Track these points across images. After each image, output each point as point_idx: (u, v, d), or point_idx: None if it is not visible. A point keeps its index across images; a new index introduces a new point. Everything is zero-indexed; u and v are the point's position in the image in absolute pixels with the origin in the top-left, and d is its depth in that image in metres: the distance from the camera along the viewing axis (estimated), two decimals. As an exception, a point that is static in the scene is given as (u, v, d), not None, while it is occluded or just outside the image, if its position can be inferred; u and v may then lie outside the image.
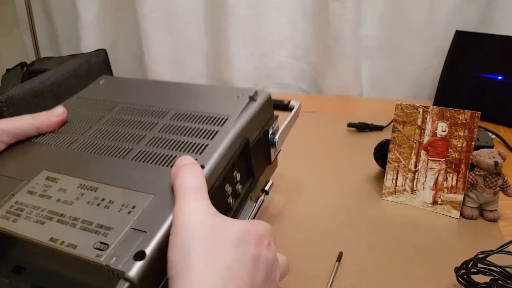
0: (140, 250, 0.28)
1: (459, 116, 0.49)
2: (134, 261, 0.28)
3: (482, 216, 0.51)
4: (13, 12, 1.20)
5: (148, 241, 0.29)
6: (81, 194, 0.36)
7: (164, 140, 0.42)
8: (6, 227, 0.33)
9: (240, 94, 0.47)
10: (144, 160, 0.40)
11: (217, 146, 0.40)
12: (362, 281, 0.42)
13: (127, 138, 0.43)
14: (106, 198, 0.35)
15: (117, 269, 0.27)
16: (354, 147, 0.71)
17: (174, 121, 0.45)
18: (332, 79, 1.01)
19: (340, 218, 0.52)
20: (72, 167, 0.40)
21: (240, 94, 0.47)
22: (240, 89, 0.47)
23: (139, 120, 0.46)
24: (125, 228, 0.31)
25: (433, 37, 0.93)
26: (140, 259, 0.28)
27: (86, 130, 0.46)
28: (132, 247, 0.29)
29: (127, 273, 0.27)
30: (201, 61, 1.11)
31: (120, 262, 0.28)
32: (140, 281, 0.27)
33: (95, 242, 0.30)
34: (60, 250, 0.31)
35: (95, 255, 0.29)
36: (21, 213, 0.35)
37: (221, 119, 0.44)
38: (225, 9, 1.00)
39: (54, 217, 0.34)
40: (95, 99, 0.52)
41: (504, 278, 0.36)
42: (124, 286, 0.26)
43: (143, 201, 0.34)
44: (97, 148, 0.43)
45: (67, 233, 0.32)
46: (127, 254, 0.28)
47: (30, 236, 0.32)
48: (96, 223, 0.33)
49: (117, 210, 0.34)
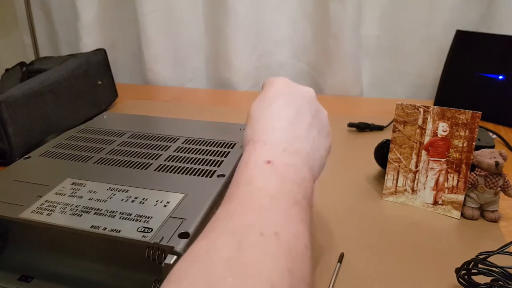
0: (184, 231, 0.32)
1: (460, 116, 0.49)
2: (180, 239, 0.31)
3: (483, 217, 0.51)
4: (13, 12, 1.20)
5: (189, 224, 0.33)
6: (113, 194, 0.38)
7: (181, 157, 0.46)
8: (42, 220, 0.34)
9: (242, 127, 0.52)
10: (166, 171, 0.42)
11: (233, 160, 0.45)
12: (363, 281, 0.41)
13: (144, 156, 0.46)
14: (139, 196, 0.37)
15: (166, 245, 0.30)
16: (354, 147, 0.71)
17: (187, 144, 0.49)
18: (332, 79, 1.01)
19: (341, 219, 0.51)
20: (96, 176, 0.41)
21: (242, 127, 0.52)
22: (242, 124, 0.52)
23: (152, 144, 0.50)
24: (165, 216, 0.34)
25: (434, 37, 0.92)
26: (185, 238, 0.31)
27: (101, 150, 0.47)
28: (175, 230, 0.32)
29: (176, 248, 0.30)
30: (201, 61, 1.11)
31: (168, 240, 0.31)
32: None
33: (138, 227, 0.33)
34: (103, 235, 0.32)
35: (141, 236, 0.31)
36: (54, 209, 0.35)
37: (230, 144, 0.49)
38: (225, 9, 0.99)
39: (90, 211, 0.35)
40: (102, 128, 0.55)
41: (505, 278, 0.35)
42: (172, 259, 0.29)
43: (176, 198, 0.37)
44: (117, 162, 0.45)
45: (107, 222, 0.33)
46: (172, 235, 0.32)
47: (69, 225, 0.33)
48: (135, 214, 0.34)
49: (152, 205, 0.36)
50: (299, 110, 0.35)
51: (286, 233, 0.25)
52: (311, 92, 0.38)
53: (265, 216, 0.26)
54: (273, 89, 0.37)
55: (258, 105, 0.36)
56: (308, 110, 0.36)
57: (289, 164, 0.30)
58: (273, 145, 0.32)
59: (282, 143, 0.32)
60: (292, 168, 0.30)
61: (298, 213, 0.27)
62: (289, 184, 0.29)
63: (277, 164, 0.30)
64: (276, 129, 0.33)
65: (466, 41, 0.83)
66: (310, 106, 0.37)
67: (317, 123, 0.36)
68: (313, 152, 0.34)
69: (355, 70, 0.99)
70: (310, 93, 0.38)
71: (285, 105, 0.35)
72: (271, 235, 0.24)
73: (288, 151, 0.31)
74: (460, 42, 0.83)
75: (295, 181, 0.30)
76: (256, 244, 0.23)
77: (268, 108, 0.35)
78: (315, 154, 0.34)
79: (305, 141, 0.34)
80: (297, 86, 0.38)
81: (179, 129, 0.54)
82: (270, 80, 0.38)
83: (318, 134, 0.36)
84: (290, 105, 0.35)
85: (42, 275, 0.36)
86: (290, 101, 0.36)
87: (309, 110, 0.36)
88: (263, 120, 0.34)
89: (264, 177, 0.29)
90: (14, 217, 0.34)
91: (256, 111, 0.35)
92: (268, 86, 0.38)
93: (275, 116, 0.34)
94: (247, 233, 0.24)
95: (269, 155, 0.30)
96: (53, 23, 1.18)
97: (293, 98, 0.36)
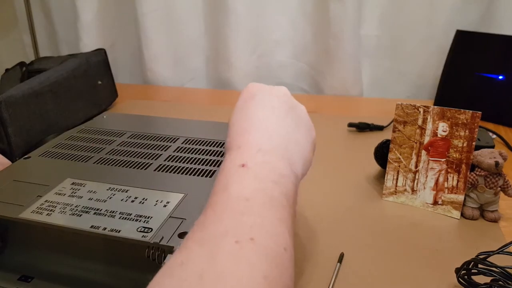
0: (184, 231, 0.32)
1: (459, 116, 0.49)
2: (180, 239, 0.31)
3: (483, 217, 0.51)
4: (12, 12, 1.20)
5: (189, 224, 0.33)
6: (113, 194, 0.38)
7: (181, 157, 0.46)
8: (42, 220, 0.34)
9: None
10: (166, 171, 0.42)
11: None
12: (363, 282, 0.41)
13: (144, 156, 0.46)
14: (139, 196, 0.37)
15: (166, 245, 0.30)
16: (354, 147, 0.71)
17: (187, 144, 0.49)
18: (332, 79, 1.01)
19: (341, 219, 0.51)
20: (96, 176, 0.41)
21: None
22: None
23: (152, 144, 0.49)
24: (165, 216, 0.34)
25: (434, 37, 0.92)
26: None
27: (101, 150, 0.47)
28: (174, 230, 0.32)
29: (176, 248, 0.30)
30: (200, 61, 1.11)
31: (167, 240, 0.31)
32: None
33: (138, 227, 0.33)
34: (103, 235, 0.32)
35: (141, 236, 0.31)
36: (54, 209, 0.35)
37: None
38: (225, 9, 0.99)
39: (90, 211, 0.35)
40: (102, 128, 0.54)
41: (504, 278, 0.35)
42: None
43: (176, 198, 0.37)
44: (117, 162, 0.45)
45: (107, 222, 0.33)
46: (172, 235, 0.32)
47: (69, 225, 0.33)
48: (135, 214, 0.34)
49: (152, 205, 0.36)
50: (273, 109, 0.35)
51: (262, 238, 0.24)
52: (284, 89, 0.38)
53: (240, 222, 0.25)
54: (244, 94, 0.37)
55: (233, 113, 0.36)
56: (283, 107, 0.36)
57: (264, 163, 0.30)
58: (247, 148, 0.31)
59: (256, 144, 0.31)
60: (268, 166, 0.30)
61: (275, 214, 0.27)
62: (264, 183, 0.28)
63: (251, 165, 0.29)
64: (249, 131, 0.33)
65: (466, 41, 0.83)
66: (284, 103, 0.36)
67: (293, 118, 0.36)
68: (292, 147, 0.33)
69: (355, 70, 0.99)
70: (283, 91, 0.38)
71: (258, 106, 0.35)
72: (246, 242, 0.23)
73: (263, 150, 0.31)
74: (460, 42, 0.83)
75: (271, 179, 0.29)
76: (230, 252, 0.23)
77: (241, 112, 0.35)
78: (294, 149, 0.34)
79: (281, 137, 0.33)
80: (270, 86, 0.38)
81: (179, 129, 0.54)
82: (244, 89, 0.38)
83: (296, 129, 0.35)
84: (263, 105, 0.35)
85: (42, 275, 0.36)
86: (262, 101, 0.36)
87: (283, 107, 0.36)
88: (237, 125, 0.34)
89: (238, 181, 0.28)
90: (14, 217, 0.34)
91: (232, 119, 0.35)
92: (241, 94, 0.38)
93: (248, 118, 0.34)
94: (221, 242, 0.23)
95: (243, 159, 0.30)
96: (53, 23, 1.18)
97: (265, 98, 0.36)
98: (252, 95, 0.36)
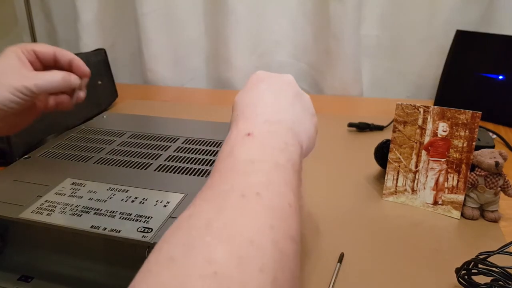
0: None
1: (460, 116, 0.49)
2: None
3: (483, 217, 0.51)
4: (12, 12, 1.20)
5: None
6: (113, 194, 0.37)
7: (181, 157, 0.46)
8: (42, 220, 0.34)
9: None
10: (166, 171, 0.42)
11: None
12: (363, 282, 0.41)
13: (144, 156, 0.46)
14: (139, 196, 0.37)
15: None
16: (354, 147, 0.71)
17: (187, 144, 0.49)
18: (332, 79, 1.01)
19: (341, 219, 0.51)
20: (96, 176, 0.41)
21: None
22: None
23: (152, 144, 0.49)
24: (165, 216, 0.34)
25: (434, 37, 0.92)
26: None
27: (101, 150, 0.47)
28: None
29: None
30: (200, 61, 1.11)
31: None
32: None
33: (138, 227, 0.33)
34: (103, 235, 0.32)
35: (141, 236, 0.31)
36: (54, 209, 0.35)
37: None
38: (225, 9, 0.99)
39: (90, 211, 0.35)
40: (102, 128, 0.54)
41: (505, 278, 0.35)
42: None
43: (176, 198, 0.37)
44: (117, 162, 0.45)
45: (107, 222, 0.33)
46: None
47: (69, 225, 0.33)
48: (135, 214, 0.34)
49: (152, 205, 0.36)
50: (280, 90, 0.36)
51: (268, 193, 0.25)
52: (291, 77, 0.39)
53: (246, 180, 0.26)
54: (253, 78, 0.38)
55: (240, 93, 0.37)
56: (290, 90, 0.37)
57: (271, 131, 0.31)
58: (254, 118, 0.32)
59: (264, 115, 0.32)
60: (274, 135, 0.31)
61: (281, 175, 0.27)
62: (270, 149, 0.29)
63: (257, 134, 0.30)
64: (258, 105, 0.34)
65: (466, 41, 0.83)
66: (291, 87, 0.37)
67: (299, 101, 0.37)
68: (298, 123, 0.34)
69: (355, 70, 0.99)
70: (289, 78, 0.39)
71: (266, 87, 0.36)
72: (252, 196, 0.24)
73: (270, 121, 0.32)
74: (460, 42, 0.83)
75: (277, 146, 0.30)
76: (236, 205, 0.24)
77: (249, 92, 0.36)
78: (300, 126, 0.34)
79: (288, 113, 0.34)
80: (277, 74, 0.39)
81: (179, 129, 0.54)
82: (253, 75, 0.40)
83: (302, 110, 0.36)
84: (271, 87, 0.36)
85: (42, 275, 0.36)
86: (271, 84, 0.37)
87: (290, 90, 0.37)
88: (245, 101, 0.35)
89: (244, 147, 0.29)
90: (14, 217, 0.34)
91: (239, 97, 0.36)
92: (249, 79, 0.39)
93: (256, 95, 0.35)
94: (228, 196, 0.24)
95: (249, 128, 0.31)
96: (53, 23, 1.18)
97: (274, 81, 0.37)
98: (261, 79, 0.37)
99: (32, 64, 0.53)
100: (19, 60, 0.50)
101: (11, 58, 0.49)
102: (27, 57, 0.51)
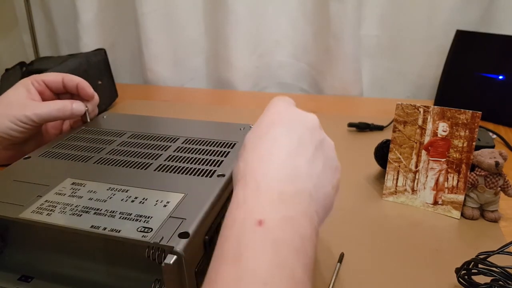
0: (184, 231, 0.32)
1: (460, 116, 0.49)
2: (180, 239, 0.31)
3: (483, 217, 0.51)
4: (12, 11, 1.20)
5: (189, 224, 0.33)
6: (113, 194, 0.38)
7: (181, 157, 0.46)
8: (42, 220, 0.34)
9: (241, 127, 0.53)
10: (166, 171, 0.42)
11: (233, 160, 0.43)
12: (363, 282, 0.41)
13: (144, 156, 0.46)
14: (139, 196, 0.37)
15: (166, 245, 0.30)
16: (354, 147, 0.71)
17: (187, 144, 0.49)
18: (332, 79, 1.01)
19: (341, 219, 0.51)
20: (96, 176, 0.41)
21: (241, 127, 0.53)
22: (241, 124, 0.54)
23: (152, 144, 0.49)
24: (165, 216, 0.34)
25: (434, 37, 0.92)
26: (185, 238, 0.31)
27: (101, 150, 0.47)
28: (174, 230, 0.32)
29: (176, 248, 0.30)
30: (200, 61, 1.11)
31: (167, 240, 0.31)
32: (186, 255, 0.30)
33: (138, 227, 0.33)
34: (103, 235, 0.32)
35: (141, 236, 0.31)
36: (54, 209, 0.35)
37: (230, 144, 0.49)
38: (225, 9, 0.99)
39: (90, 211, 0.35)
40: (102, 128, 0.55)
41: (505, 278, 0.35)
42: (172, 259, 0.29)
43: (176, 198, 0.37)
44: (117, 162, 0.45)
45: (107, 222, 0.33)
46: (172, 234, 0.32)
47: (69, 225, 0.33)
48: (135, 214, 0.34)
49: (152, 205, 0.36)
50: (300, 140, 0.31)
51: None
52: (315, 119, 0.34)
53: None
54: (271, 114, 0.33)
55: (253, 133, 0.32)
56: (311, 140, 0.32)
57: (285, 219, 0.26)
58: (267, 190, 0.27)
59: (278, 184, 0.28)
60: (289, 225, 0.26)
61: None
62: (285, 252, 0.24)
63: (270, 224, 0.25)
64: (271, 163, 0.29)
65: (466, 41, 0.83)
66: (313, 135, 0.32)
67: (321, 155, 0.32)
68: (316, 190, 0.30)
69: (355, 70, 0.99)
70: (314, 121, 0.34)
71: (285, 133, 0.31)
72: None
73: (285, 195, 0.27)
74: (460, 42, 0.83)
75: (293, 246, 0.25)
76: None
77: (264, 136, 0.31)
78: (319, 192, 0.30)
79: (307, 178, 0.29)
80: (300, 112, 0.34)
81: (179, 129, 0.54)
82: (271, 102, 0.35)
83: (323, 168, 0.31)
84: (290, 135, 0.31)
85: (42, 275, 0.36)
86: (290, 130, 0.31)
87: (312, 140, 0.32)
88: (257, 150, 0.30)
89: (255, 249, 0.24)
90: (14, 217, 0.34)
91: (250, 139, 0.32)
92: (267, 110, 0.34)
93: (272, 146, 0.30)
94: None
95: (260, 211, 0.26)
96: (53, 23, 1.18)
97: (294, 126, 0.32)
98: (279, 121, 0.32)
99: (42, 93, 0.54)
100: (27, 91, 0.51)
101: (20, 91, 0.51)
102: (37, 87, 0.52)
